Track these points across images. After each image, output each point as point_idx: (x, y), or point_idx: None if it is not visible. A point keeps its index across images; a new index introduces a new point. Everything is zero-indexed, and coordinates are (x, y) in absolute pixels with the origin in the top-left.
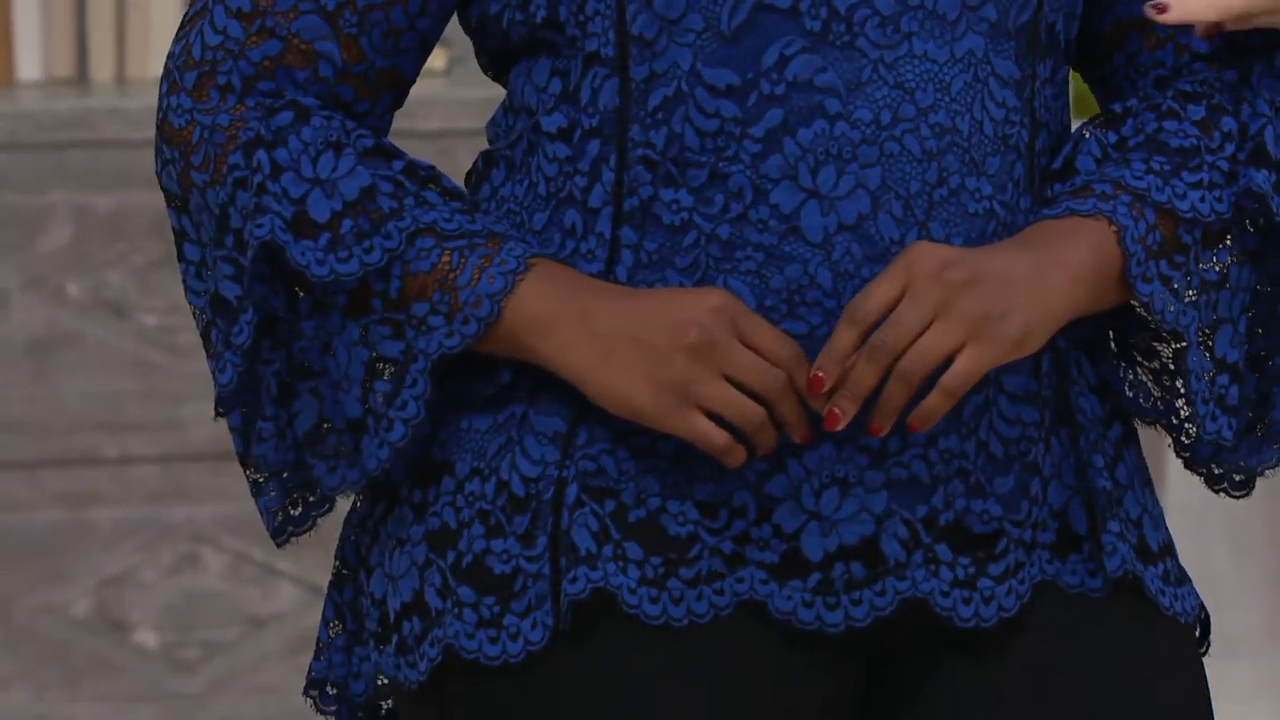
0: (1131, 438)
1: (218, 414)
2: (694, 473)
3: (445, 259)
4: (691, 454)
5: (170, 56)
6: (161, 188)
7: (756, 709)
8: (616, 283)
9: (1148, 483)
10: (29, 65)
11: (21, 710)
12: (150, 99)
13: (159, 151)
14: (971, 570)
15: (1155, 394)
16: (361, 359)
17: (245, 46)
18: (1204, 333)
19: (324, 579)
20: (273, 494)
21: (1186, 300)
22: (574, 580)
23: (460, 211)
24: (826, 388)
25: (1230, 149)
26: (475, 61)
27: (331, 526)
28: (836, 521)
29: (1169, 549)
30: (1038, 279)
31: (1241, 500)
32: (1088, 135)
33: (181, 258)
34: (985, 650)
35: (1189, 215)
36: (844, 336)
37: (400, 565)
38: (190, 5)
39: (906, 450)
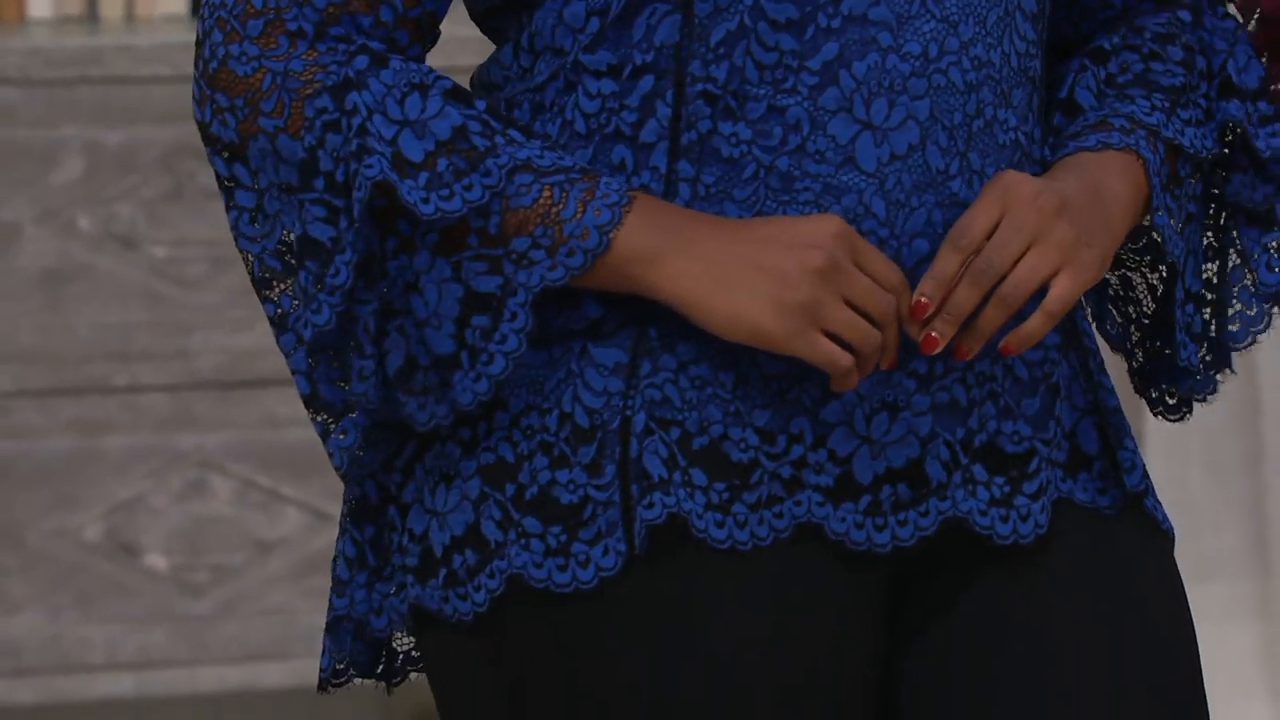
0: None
1: (309, 359)
2: (753, 401)
3: (546, 194)
4: (750, 383)
5: (219, 6)
6: (208, 136)
7: (815, 627)
8: None
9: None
10: (40, 3)
11: (35, 631)
12: (159, 36)
13: (209, 101)
14: (1007, 489)
15: (1118, 321)
16: (455, 295)
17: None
18: (1184, 264)
19: (328, 504)
20: (345, 434)
21: (1179, 231)
22: (650, 506)
23: (549, 149)
24: (930, 313)
25: (1205, 86)
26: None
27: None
28: (885, 445)
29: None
30: (1102, 207)
31: (1219, 425)
32: (1086, 69)
33: (233, 205)
34: (1012, 566)
35: (1191, 150)
36: (948, 261)
37: (448, 500)
38: None
39: (949, 374)
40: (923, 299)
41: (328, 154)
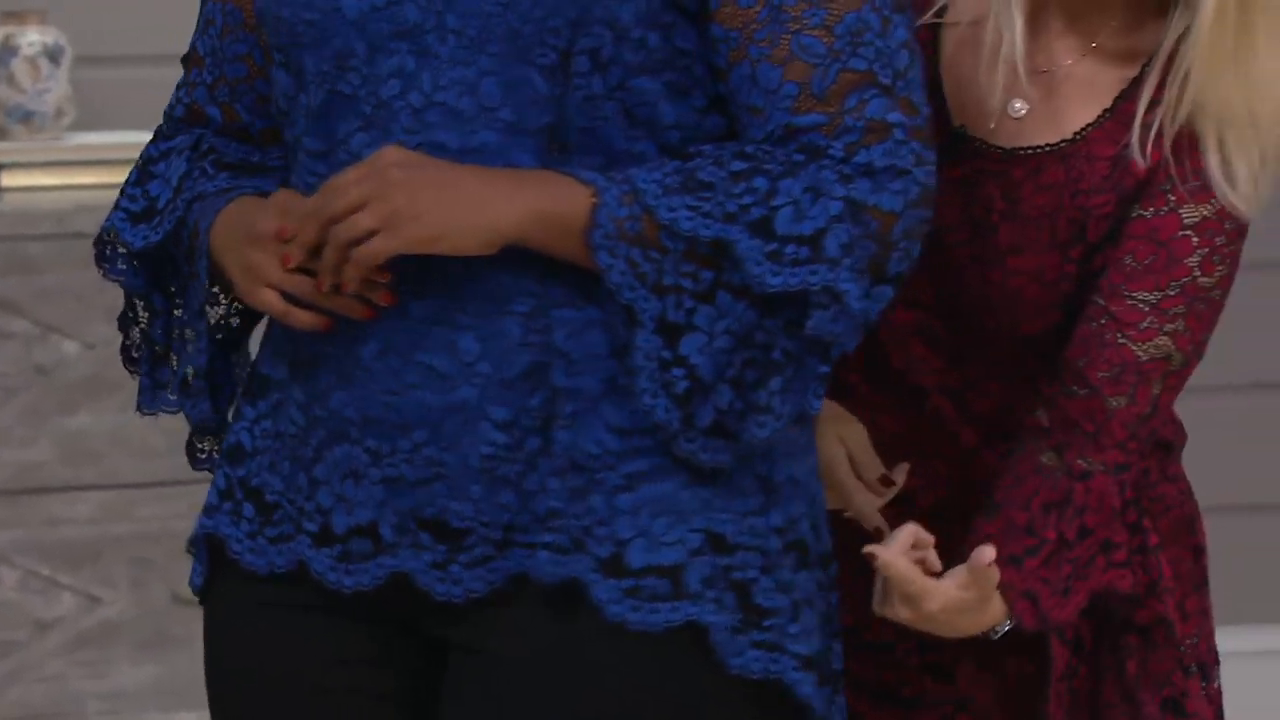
0: (660, 475)
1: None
2: (282, 455)
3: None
4: (284, 439)
5: None
6: None
7: (308, 646)
8: None
9: (666, 513)
10: None
11: None
12: None
13: None
14: (445, 556)
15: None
16: (195, 308)
17: (174, 109)
18: (666, 325)
19: (98, 589)
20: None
21: (652, 289)
22: (198, 525)
23: (230, 178)
24: (287, 237)
25: (748, 200)
26: None
27: (109, 541)
28: (354, 505)
29: (668, 570)
30: (483, 200)
31: None
32: (664, 156)
33: None
34: (468, 623)
35: (666, 222)
36: (311, 203)
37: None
38: None
39: (395, 454)
40: (283, 226)
41: None
